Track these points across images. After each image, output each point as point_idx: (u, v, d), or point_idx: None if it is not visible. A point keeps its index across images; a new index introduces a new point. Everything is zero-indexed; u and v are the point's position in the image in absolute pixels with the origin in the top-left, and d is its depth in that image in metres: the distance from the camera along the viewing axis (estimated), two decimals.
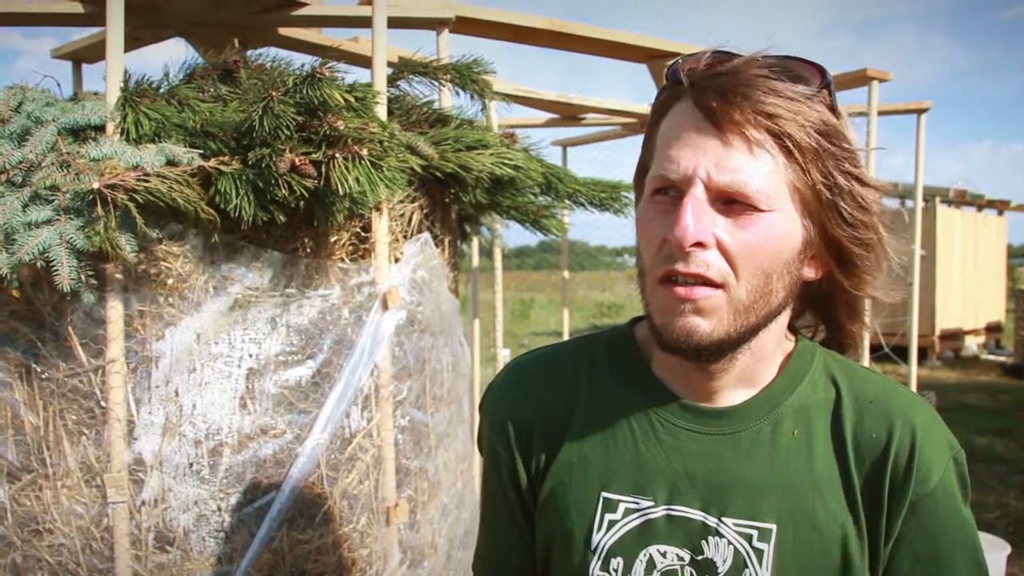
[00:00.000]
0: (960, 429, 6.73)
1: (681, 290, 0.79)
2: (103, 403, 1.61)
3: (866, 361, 3.38)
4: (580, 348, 1.00)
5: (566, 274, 4.95)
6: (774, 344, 0.89)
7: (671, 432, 0.89)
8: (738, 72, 0.79)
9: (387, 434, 1.84)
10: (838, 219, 0.83)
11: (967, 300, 11.56)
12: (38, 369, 1.62)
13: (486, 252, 4.04)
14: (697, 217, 0.77)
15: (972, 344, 11.68)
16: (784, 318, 0.89)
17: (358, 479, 1.80)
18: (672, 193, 0.81)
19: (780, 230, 0.80)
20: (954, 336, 11.22)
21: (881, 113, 3.44)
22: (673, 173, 0.80)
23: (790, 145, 0.79)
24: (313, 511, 1.73)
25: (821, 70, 0.83)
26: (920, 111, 3.59)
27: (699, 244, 0.78)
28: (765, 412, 0.88)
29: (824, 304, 0.94)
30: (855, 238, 0.85)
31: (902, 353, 4.31)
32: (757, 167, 0.79)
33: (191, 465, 1.64)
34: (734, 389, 0.89)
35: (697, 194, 0.78)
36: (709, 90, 0.79)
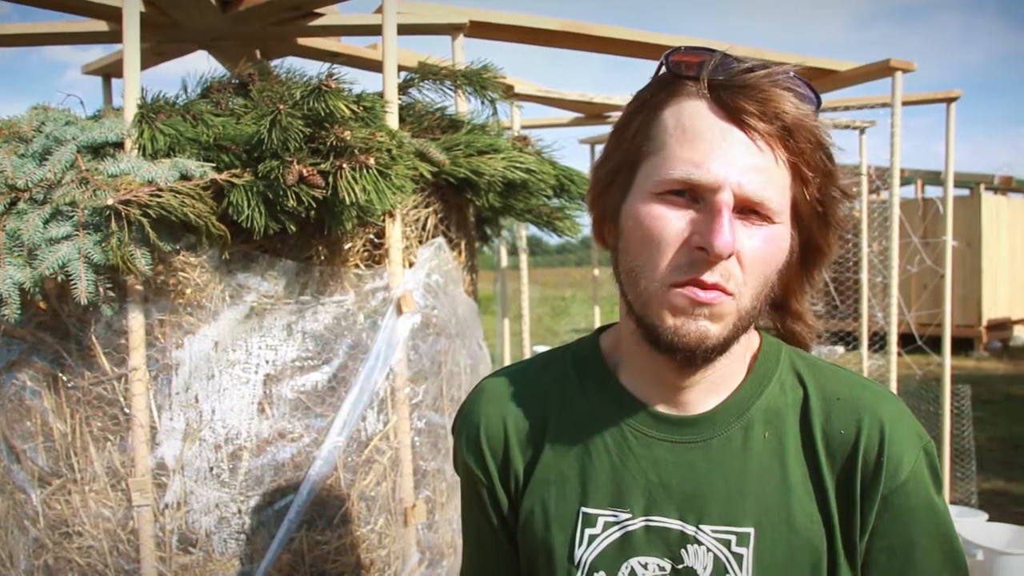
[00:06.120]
0: (1007, 421, 6.58)
1: (703, 294, 0.79)
2: (126, 410, 1.67)
3: (893, 356, 3.33)
4: (549, 364, 1.01)
5: (596, 272, 4.96)
6: (743, 344, 0.89)
7: (644, 443, 0.89)
8: (763, 83, 0.79)
9: (404, 436, 1.87)
10: (824, 227, 0.88)
11: (1015, 288, 11.28)
12: (64, 378, 1.68)
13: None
14: (731, 227, 0.77)
15: (1021, 334, 11.39)
16: None
17: (375, 481, 1.83)
18: (688, 195, 0.80)
19: (784, 241, 0.84)
20: (1002, 326, 10.96)
21: (907, 103, 3.37)
22: (700, 177, 0.78)
23: (801, 162, 0.82)
24: (331, 513, 1.77)
25: (811, 86, 0.84)
26: (949, 100, 3.51)
27: (731, 254, 0.79)
28: (735, 417, 0.88)
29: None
30: (834, 239, 0.90)
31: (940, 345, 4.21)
32: (778, 179, 0.81)
33: (211, 469, 1.69)
34: (706, 394, 0.89)
35: (728, 201, 0.77)
36: (738, 96, 0.79)
